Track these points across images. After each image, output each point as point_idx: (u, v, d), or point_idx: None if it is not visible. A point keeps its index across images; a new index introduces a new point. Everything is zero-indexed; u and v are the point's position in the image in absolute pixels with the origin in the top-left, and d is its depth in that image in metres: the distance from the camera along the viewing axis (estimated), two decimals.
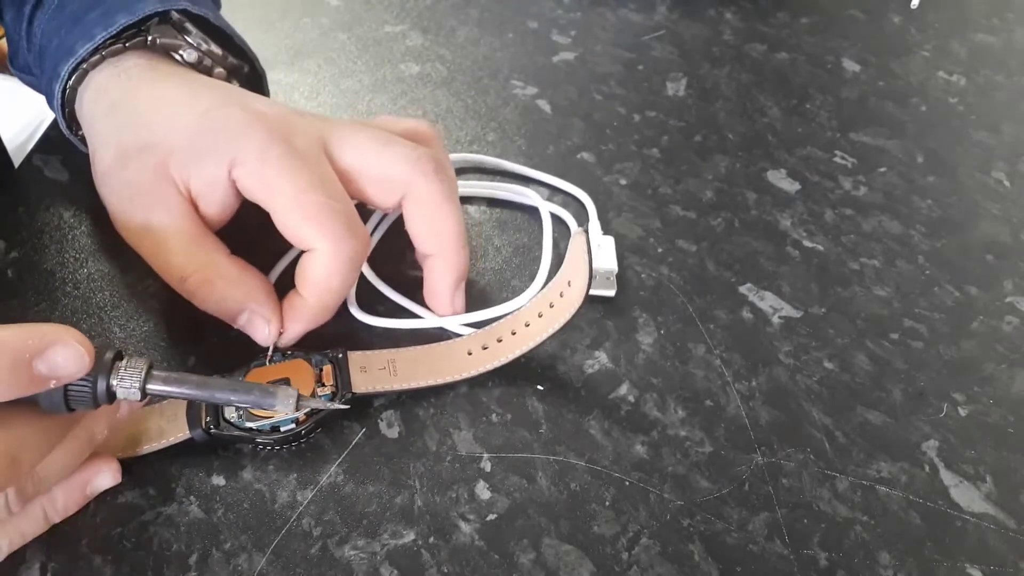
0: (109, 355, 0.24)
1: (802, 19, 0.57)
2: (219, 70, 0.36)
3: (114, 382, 0.24)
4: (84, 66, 0.33)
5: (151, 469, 0.29)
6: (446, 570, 0.28)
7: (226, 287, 0.31)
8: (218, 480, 0.29)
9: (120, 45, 0.33)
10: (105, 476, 0.28)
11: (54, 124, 0.42)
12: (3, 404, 0.23)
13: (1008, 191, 0.45)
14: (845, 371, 0.35)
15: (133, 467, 0.29)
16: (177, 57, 0.35)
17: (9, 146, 0.40)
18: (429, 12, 0.54)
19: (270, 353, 0.32)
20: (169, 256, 0.31)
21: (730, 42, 0.54)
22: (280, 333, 0.32)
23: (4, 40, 0.41)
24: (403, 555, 0.28)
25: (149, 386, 0.25)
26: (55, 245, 0.37)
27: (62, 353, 0.22)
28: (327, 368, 0.31)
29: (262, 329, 0.31)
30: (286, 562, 0.28)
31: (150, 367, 0.25)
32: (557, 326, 0.31)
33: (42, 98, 0.38)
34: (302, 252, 0.31)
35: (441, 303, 0.34)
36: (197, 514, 0.28)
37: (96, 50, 0.33)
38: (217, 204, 0.31)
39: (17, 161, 0.40)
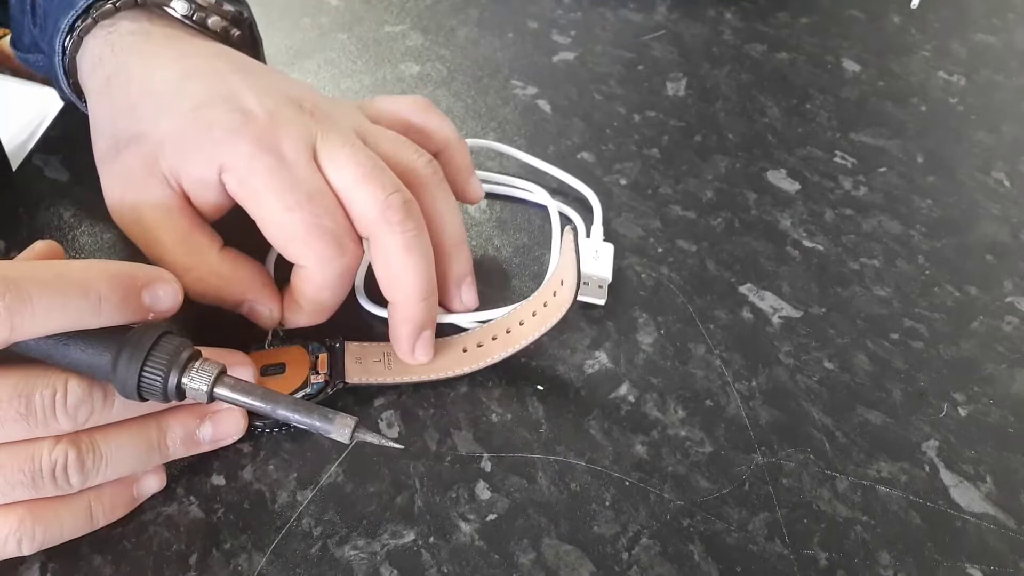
0: (186, 353, 0.25)
1: (802, 19, 0.57)
2: (214, 19, 0.35)
3: (185, 380, 0.25)
4: (78, 29, 0.33)
5: None
6: (446, 570, 0.28)
7: (221, 284, 0.31)
8: (218, 480, 0.29)
9: (110, 6, 0.33)
10: (152, 480, 0.28)
11: (54, 124, 0.42)
12: None
13: (1008, 191, 0.45)
14: (845, 371, 0.35)
15: None
16: (169, 11, 0.34)
17: (8, 146, 0.40)
18: (429, 12, 0.54)
19: (269, 338, 0.32)
20: (162, 254, 0.31)
21: (730, 42, 0.54)
22: (281, 324, 0.32)
23: (3, 40, 0.41)
24: (403, 555, 0.28)
25: (217, 390, 0.25)
26: None
27: (163, 288, 0.25)
28: (323, 356, 0.32)
29: (264, 317, 0.32)
30: (286, 562, 0.28)
31: (222, 372, 0.25)
32: (550, 324, 0.31)
33: (42, 98, 0.38)
34: None
35: (400, 349, 0.33)
36: (197, 514, 0.28)
37: (87, 10, 0.33)
38: (211, 201, 0.31)
39: (17, 161, 0.40)
